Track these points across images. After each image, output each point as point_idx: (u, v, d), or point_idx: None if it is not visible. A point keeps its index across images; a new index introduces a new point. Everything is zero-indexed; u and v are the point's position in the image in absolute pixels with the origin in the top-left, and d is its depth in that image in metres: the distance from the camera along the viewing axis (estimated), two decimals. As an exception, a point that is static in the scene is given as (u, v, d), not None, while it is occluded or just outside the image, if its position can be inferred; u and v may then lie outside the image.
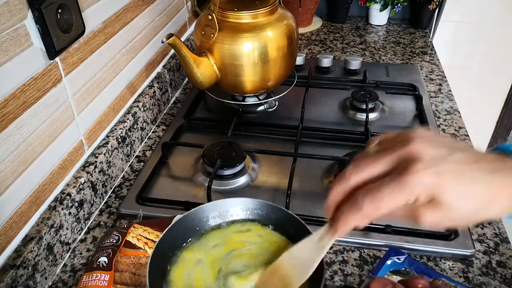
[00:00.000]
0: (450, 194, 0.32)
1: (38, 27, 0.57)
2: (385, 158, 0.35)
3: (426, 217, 0.34)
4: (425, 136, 0.34)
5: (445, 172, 0.32)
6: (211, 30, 0.83)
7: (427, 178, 0.32)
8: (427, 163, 0.32)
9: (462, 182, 0.32)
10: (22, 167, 0.57)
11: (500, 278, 0.61)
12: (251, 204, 0.51)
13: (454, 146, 0.34)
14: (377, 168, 0.35)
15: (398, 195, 0.33)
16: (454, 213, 0.33)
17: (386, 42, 1.33)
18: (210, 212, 0.51)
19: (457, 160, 0.33)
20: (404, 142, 0.34)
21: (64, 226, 0.64)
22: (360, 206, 0.34)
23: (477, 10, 1.56)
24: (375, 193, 0.34)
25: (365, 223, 0.35)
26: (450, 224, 0.34)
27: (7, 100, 0.53)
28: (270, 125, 0.92)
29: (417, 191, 0.32)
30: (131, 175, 0.81)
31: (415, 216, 0.34)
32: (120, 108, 0.83)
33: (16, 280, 0.54)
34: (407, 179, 0.32)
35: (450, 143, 0.35)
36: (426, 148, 0.33)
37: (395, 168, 0.34)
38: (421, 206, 0.33)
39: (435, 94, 1.06)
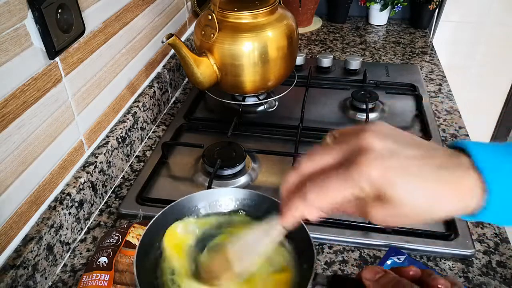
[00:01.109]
0: (396, 189, 0.31)
1: (38, 27, 0.57)
2: (336, 149, 0.35)
3: (374, 213, 0.33)
4: (379, 130, 0.34)
5: (392, 166, 0.31)
6: (211, 30, 0.83)
7: (372, 170, 0.31)
8: (375, 156, 0.32)
9: (408, 178, 0.31)
10: (22, 167, 0.57)
11: (500, 278, 0.61)
12: (240, 194, 0.52)
13: (407, 141, 0.34)
14: (328, 158, 0.35)
15: (343, 187, 0.32)
16: (401, 209, 0.32)
17: (386, 42, 1.33)
18: (199, 201, 0.51)
19: (406, 155, 0.32)
20: (357, 134, 0.34)
21: (64, 226, 0.64)
22: (305, 196, 0.34)
23: (477, 10, 1.56)
24: (322, 183, 0.33)
25: (313, 214, 0.35)
26: (399, 222, 0.34)
27: (7, 100, 0.53)
28: (270, 125, 0.92)
29: (362, 183, 0.32)
30: (131, 175, 0.81)
31: (364, 212, 0.34)
32: (120, 108, 0.83)
33: (16, 280, 0.54)
34: (352, 170, 0.32)
35: (403, 138, 0.34)
36: (377, 141, 0.33)
37: (346, 159, 0.33)
38: (370, 202, 0.33)
39: (435, 94, 1.06)
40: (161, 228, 0.48)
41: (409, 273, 0.37)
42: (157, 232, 0.48)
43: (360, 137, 0.33)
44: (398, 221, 0.34)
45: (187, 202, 0.51)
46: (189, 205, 0.51)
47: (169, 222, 0.49)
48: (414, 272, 0.37)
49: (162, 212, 0.49)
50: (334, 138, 0.36)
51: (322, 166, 0.35)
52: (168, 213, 0.49)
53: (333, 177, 0.33)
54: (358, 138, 0.33)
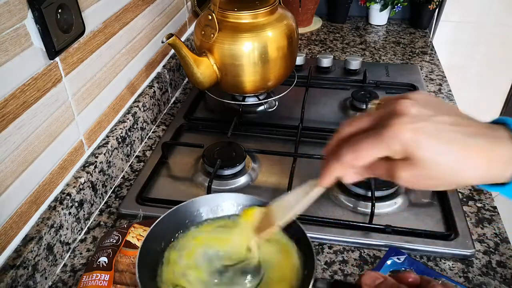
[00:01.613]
0: (424, 151, 0.32)
1: (38, 27, 0.57)
2: (374, 114, 0.36)
3: (402, 173, 0.34)
4: (417, 97, 0.35)
5: (423, 129, 0.32)
6: (211, 30, 0.83)
7: (403, 133, 0.32)
8: (407, 119, 0.33)
9: (437, 141, 0.32)
10: (22, 167, 0.57)
11: (500, 278, 0.61)
12: (242, 199, 0.52)
13: (445, 110, 0.34)
14: (365, 122, 0.36)
15: (375, 147, 0.33)
16: (428, 171, 0.33)
17: (386, 42, 1.33)
18: (201, 206, 0.51)
19: (439, 120, 0.33)
20: (396, 101, 0.35)
21: (64, 226, 0.64)
22: (341, 155, 0.35)
23: (477, 10, 1.56)
24: (355, 144, 0.35)
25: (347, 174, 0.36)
26: (426, 185, 0.34)
27: (7, 100, 0.53)
28: (270, 125, 0.92)
29: (393, 144, 0.33)
30: (131, 175, 0.81)
31: (392, 173, 0.35)
32: (120, 108, 0.83)
33: (16, 280, 0.54)
34: (384, 132, 0.33)
35: (442, 107, 0.35)
36: (412, 106, 0.33)
37: (380, 122, 0.34)
38: (398, 163, 0.34)
39: (435, 94, 1.06)
40: (162, 233, 0.48)
41: (408, 280, 0.38)
42: (159, 236, 0.48)
43: (397, 103, 0.34)
44: (425, 184, 0.34)
45: (189, 206, 0.51)
46: (191, 209, 0.51)
47: (171, 226, 0.49)
48: (413, 279, 0.38)
49: (162, 217, 0.48)
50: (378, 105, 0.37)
51: (360, 128, 0.36)
52: (170, 217, 0.49)
53: (366, 138, 0.34)
54: (395, 104, 0.34)
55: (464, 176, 0.33)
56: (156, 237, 0.47)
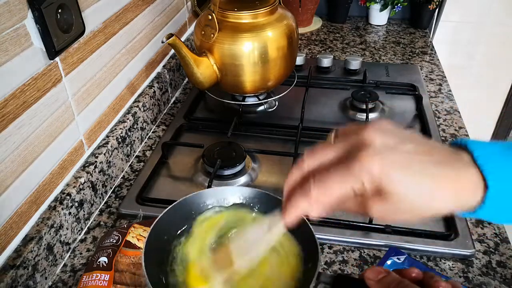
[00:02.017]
0: (395, 185, 0.32)
1: (38, 27, 0.57)
2: (338, 146, 0.35)
3: (374, 208, 0.33)
4: (379, 126, 0.34)
5: (391, 161, 0.32)
6: (211, 30, 0.83)
7: (373, 165, 0.32)
8: (376, 151, 0.32)
9: (407, 173, 0.32)
10: (22, 167, 0.57)
11: (500, 278, 0.61)
12: (248, 193, 0.52)
13: (408, 138, 0.34)
14: (330, 154, 0.35)
15: (344, 182, 0.33)
16: (400, 205, 0.32)
17: (386, 42, 1.33)
18: (207, 198, 0.51)
19: (406, 150, 0.33)
20: (358, 131, 0.34)
21: (64, 226, 0.64)
22: (307, 192, 0.34)
23: (477, 10, 1.56)
24: (323, 178, 0.34)
25: (315, 211, 0.35)
26: (398, 218, 0.34)
27: (7, 100, 0.53)
28: (270, 125, 0.92)
29: (363, 178, 0.32)
30: (131, 175, 0.81)
31: (364, 208, 0.34)
32: (120, 108, 0.83)
33: (16, 280, 0.54)
34: (353, 164, 0.32)
35: (405, 135, 0.34)
36: (377, 136, 0.33)
37: (347, 155, 0.34)
38: (370, 198, 0.33)
39: (435, 94, 1.06)
40: (169, 223, 0.48)
41: (411, 275, 0.37)
42: (165, 228, 0.48)
43: (361, 133, 0.34)
44: (398, 217, 0.34)
45: (196, 198, 0.51)
46: (198, 201, 0.51)
47: (176, 219, 0.49)
48: (416, 274, 0.38)
49: (169, 207, 0.48)
50: (336, 136, 0.37)
51: (324, 162, 0.35)
52: (177, 208, 0.49)
53: (335, 172, 0.33)
54: (359, 134, 0.34)
55: (435, 207, 0.33)
56: (163, 227, 0.47)
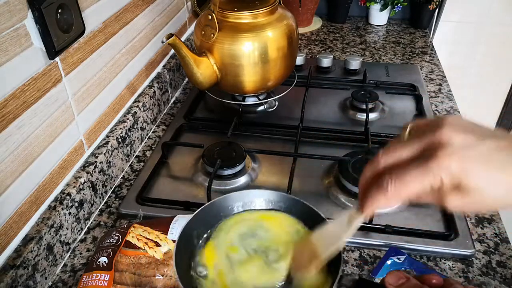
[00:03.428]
0: (475, 180, 0.32)
1: (38, 27, 0.57)
2: (414, 143, 0.35)
3: (451, 201, 0.34)
4: (455, 123, 0.35)
5: (472, 158, 0.32)
6: (211, 30, 0.83)
7: (452, 163, 0.32)
8: (454, 149, 0.33)
9: (488, 167, 0.32)
10: (22, 167, 0.57)
11: (500, 278, 0.61)
12: (274, 196, 0.52)
13: (486, 133, 0.34)
14: (405, 152, 0.36)
15: (422, 179, 0.33)
16: (479, 198, 0.33)
17: (386, 42, 1.33)
18: (235, 201, 0.52)
19: (486, 146, 0.33)
20: (434, 128, 0.34)
21: (64, 226, 0.64)
22: (385, 188, 0.35)
23: (477, 10, 1.56)
24: (400, 176, 0.34)
25: (391, 205, 0.36)
26: (475, 210, 0.35)
27: (7, 100, 0.53)
28: (270, 125, 0.92)
29: (442, 176, 0.32)
30: (131, 175, 0.81)
31: (441, 201, 0.34)
32: (120, 108, 0.83)
33: (16, 280, 0.54)
34: (432, 163, 0.33)
35: (481, 130, 0.35)
36: (455, 134, 0.33)
37: (423, 153, 0.34)
38: (447, 191, 0.33)
39: (435, 94, 1.06)
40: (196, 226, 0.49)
41: (431, 281, 0.38)
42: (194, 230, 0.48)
43: (437, 131, 0.34)
44: (474, 208, 0.35)
45: (223, 201, 0.52)
46: (225, 204, 0.52)
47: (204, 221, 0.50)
48: (436, 280, 0.38)
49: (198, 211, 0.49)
50: (410, 132, 0.37)
51: (399, 159, 0.36)
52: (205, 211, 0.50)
53: (412, 169, 0.34)
54: (435, 132, 0.34)
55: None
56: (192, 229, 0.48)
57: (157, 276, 0.55)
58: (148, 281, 0.55)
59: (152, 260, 0.56)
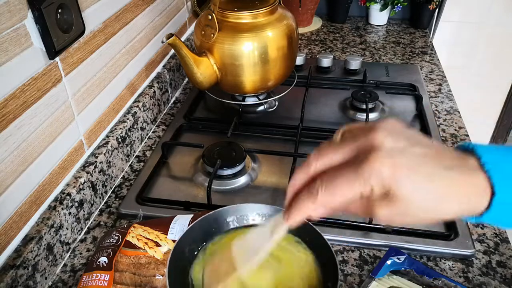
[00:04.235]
0: (403, 188, 0.31)
1: (38, 27, 0.57)
2: (346, 147, 0.34)
3: (380, 211, 0.33)
4: (388, 128, 0.34)
5: (401, 165, 0.31)
6: (211, 30, 0.83)
7: (382, 168, 0.31)
8: (385, 154, 0.32)
9: (416, 177, 0.32)
10: (22, 167, 0.57)
11: (500, 278, 0.61)
12: (268, 210, 0.52)
13: (417, 140, 0.34)
14: (337, 155, 0.34)
15: (353, 185, 0.32)
16: (408, 208, 0.32)
17: (386, 42, 1.33)
18: (227, 215, 0.52)
19: (416, 153, 0.32)
20: (367, 132, 0.34)
21: (64, 226, 0.64)
22: (315, 193, 0.34)
23: (477, 10, 1.56)
24: (330, 181, 0.33)
25: (320, 213, 0.34)
26: (404, 221, 0.34)
27: (7, 100, 0.53)
28: (270, 125, 0.92)
29: (372, 181, 0.32)
30: (131, 175, 0.81)
31: (370, 211, 0.34)
32: (120, 108, 0.83)
33: (16, 280, 0.54)
34: (362, 168, 0.32)
35: (413, 137, 0.34)
36: (386, 139, 0.33)
37: (355, 157, 0.33)
38: (376, 201, 0.33)
39: (435, 94, 1.06)
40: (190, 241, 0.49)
41: None
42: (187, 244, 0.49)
43: (370, 135, 0.33)
44: (404, 220, 0.34)
45: (216, 215, 0.51)
46: (219, 219, 0.51)
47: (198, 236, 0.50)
48: None
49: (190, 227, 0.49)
50: (343, 135, 0.36)
51: (331, 164, 0.35)
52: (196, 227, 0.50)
53: (343, 175, 0.33)
54: (368, 136, 0.33)
55: (442, 212, 0.33)
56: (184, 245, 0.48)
57: (157, 276, 0.55)
58: (148, 281, 0.55)
59: (152, 260, 0.56)
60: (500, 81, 1.71)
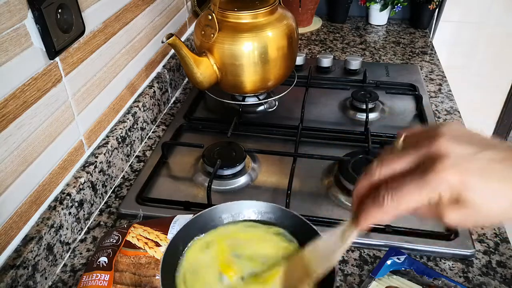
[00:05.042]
0: (476, 193, 0.31)
1: (38, 27, 0.57)
2: (410, 155, 0.34)
3: (451, 216, 0.33)
4: (452, 132, 0.33)
5: (471, 171, 0.31)
6: (211, 30, 0.83)
7: (452, 176, 0.31)
8: (453, 161, 0.31)
9: (489, 181, 0.31)
10: (22, 167, 0.57)
11: (500, 278, 0.61)
12: (263, 207, 0.52)
13: (484, 143, 0.33)
14: (401, 164, 0.34)
15: (420, 193, 0.32)
16: (479, 212, 0.32)
17: (386, 42, 1.33)
18: (222, 213, 0.51)
19: (485, 158, 0.32)
20: (430, 139, 0.33)
21: (64, 226, 0.64)
22: (381, 202, 0.34)
23: (477, 10, 1.56)
24: (397, 190, 0.33)
25: (387, 219, 0.34)
26: (475, 224, 0.33)
27: (7, 100, 0.53)
28: (270, 125, 0.92)
29: (440, 190, 0.31)
30: (131, 175, 0.81)
31: (439, 215, 0.33)
32: (120, 108, 0.83)
33: (16, 280, 0.54)
34: (430, 177, 0.31)
35: (479, 140, 0.33)
36: (453, 146, 0.32)
37: (420, 165, 0.33)
38: (446, 205, 0.32)
39: (435, 94, 1.06)
40: (183, 240, 0.49)
41: None
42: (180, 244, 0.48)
43: (434, 142, 0.33)
44: (476, 222, 0.33)
45: (211, 213, 0.51)
46: (213, 216, 0.51)
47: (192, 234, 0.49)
48: None
49: (185, 224, 0.49)
50: (404, 141, 0.36)
51: (395, 171, 0.35)
52: (191, 224, 0.50)
53: (409, 182, 0.33)
54: (432, 143, 0.33)
55: None
56: (178, 243, 0.48)
57: (157, 276, 0.55)
58: (148, 281, 0.55)
59: (152, 260, 0.56)
60: (500, 81, 1.71)
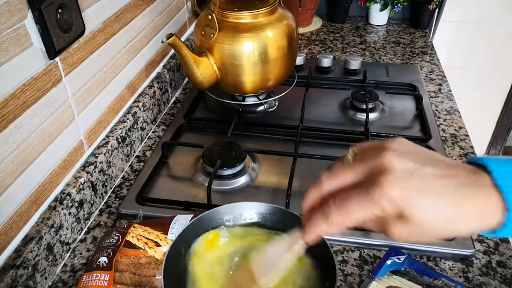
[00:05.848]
0: (415, 209, 0.32)
1: (38, 27, 0.57)
2: (358, 168, 0.35)
3: (394, 231, 0.34)
4: (399, 147, 0.34)
5: (412, 187, 0.32)
6: (211, 30, 0.83)
7: (393, 191, 0.32)
8: (396, 176, 0.32)
9: (427, 197, 0.32)
10: (22, 167, 0.57)
11: (500, 278, 0.61)
12: (264, 208, 0.52)
13: (427, 159, 0.34)
14: (349, 176, 0.36)
15: (365, 207, 0.33)
16: (421, 228, 0.33)
17: (386, 42, 1.33)
18: (224, 214, 0.52)
19: (426, 174, 0.33)
20: (378, 153, 0.34)
21: (64, 226, 0.64)
22: (328, 214, 0.35)
23: (477, 10, 1.56)
24: (343, 203, 0.34)
25: (334, 231, 0.35)
26: (418, 239, 0.34)
27: (7, 100, 0.53)
28: (270, 125, 0.92)
29: (383, 204, 0.32)
30: (131, 175, 0.81)
31: (384, 230, 0.35)
32: (120, 108, 0.83)
33: (16, 280, 0.54)
34: (374, 191, 0.33)
35: (423, 156, 0.34)
36: (398, 160, 0.33)
37: (367, 179, 0.34)
38: (391, 220, 0.33)
39: (435, 94, 1.06)
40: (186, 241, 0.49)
41: None
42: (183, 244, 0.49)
43: (380, 156, 0.34)
44: (419, 239, 0.34)
45: (212, 215, 0.52)
46: (215, 217, 0.52)
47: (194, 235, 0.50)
48: None
49: (187, 226, 0.50)
50: (355, 154, 0.37)
51: (343, 184, 0.36)
52: (194, 225, 0.50)
53: (355, 197, 0.34)
54: (378, 157, 0.34)
55: (456, 230, 0.33)
56: (180, 244, 0.48)
57: (157, 276, 0.55)
58: (148, 281, 0.55)
59: (152, 260, 0.56)
60: (500, 81, 1.72)
